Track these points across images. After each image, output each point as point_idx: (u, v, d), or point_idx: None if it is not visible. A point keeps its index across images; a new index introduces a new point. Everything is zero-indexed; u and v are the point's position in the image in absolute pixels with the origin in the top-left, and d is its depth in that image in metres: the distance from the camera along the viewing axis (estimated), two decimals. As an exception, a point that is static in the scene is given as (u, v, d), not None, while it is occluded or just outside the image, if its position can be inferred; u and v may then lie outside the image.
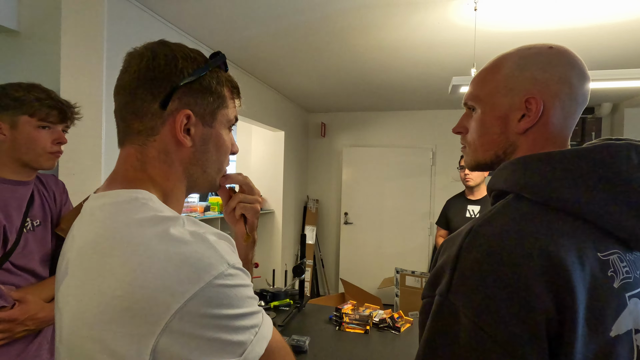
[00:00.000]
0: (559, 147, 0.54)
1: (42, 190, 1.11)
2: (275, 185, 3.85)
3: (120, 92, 0.50)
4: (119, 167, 0.51)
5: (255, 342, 0.43)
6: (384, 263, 4.29)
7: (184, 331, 0.39)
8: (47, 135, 1.01)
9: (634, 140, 0.52)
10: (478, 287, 0.44)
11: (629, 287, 0.47)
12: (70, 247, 0.48)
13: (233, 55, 2.56)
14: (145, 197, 0.46)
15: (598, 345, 0.44)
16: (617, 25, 1.97)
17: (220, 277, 0.40)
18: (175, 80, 0.48)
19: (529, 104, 0.53)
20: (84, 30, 1.55)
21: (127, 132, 0.50)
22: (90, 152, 1.57)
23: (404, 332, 1.68)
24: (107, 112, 1.60)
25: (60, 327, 0.47)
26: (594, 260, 0.46)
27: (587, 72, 0.55)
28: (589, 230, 0.47)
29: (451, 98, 3.68)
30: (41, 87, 1.03)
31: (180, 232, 0.42)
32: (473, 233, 0.48)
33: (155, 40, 0.51)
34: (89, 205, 0.49)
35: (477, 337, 0.43)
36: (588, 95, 0.55)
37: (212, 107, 0.51)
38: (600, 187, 0.47)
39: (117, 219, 0.44)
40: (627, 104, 3.60)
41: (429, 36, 2.15)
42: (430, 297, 0.49)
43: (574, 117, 0.55)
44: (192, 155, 0.51)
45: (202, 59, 0.51)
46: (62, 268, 0.48)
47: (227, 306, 0.40)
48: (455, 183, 4.26)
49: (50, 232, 1.10)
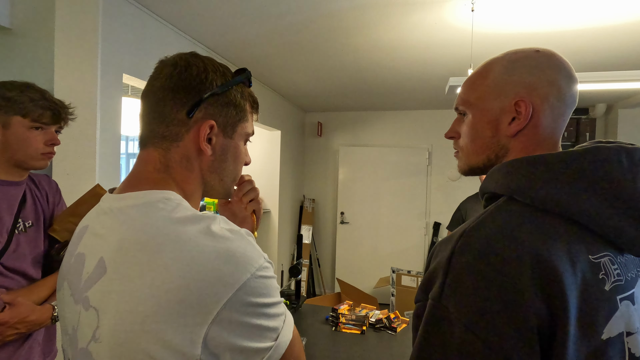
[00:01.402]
0: (550, 148, 0.55)
1: (34, 190, 1.09)
2: (272, 185, 3.84)
3: (149, 97, 0.52)
4: (141, 168, 0.52)
5: (285, 327, 0.48)
6: (380, 262, 4.29)
7: (232, 319, 0.42)
8: (40, 136, 1.00)
9: (624, 143, 0.52)
10: (470, 292, 0.44)
11: (620, 290, 0.48)
12: (100, 246, 0.48)
13: (229, 54, 2.55)
14: (177, 198, 0.49)
15: (590, 348, 0.44)
16: (611, 28, 1.98)
17: (261, 269, 0.45)
18: (203, 91, 0.51)
19: (518, 106, 0.54)
20: (78, 29, 1.53)
21: (151, 136, 0.52)
22: (85, 151, 1.55)
23: (400, 332, 1.69)
24: (101, 112, 1.58)
25: (92, 326, 0.45)
26: (585, 263, 0.46)
27: (574, 75, 0.56)
28: (580, 233, 0.48)
29: (447, 98, 3.70)
30: (35, 86, 1.01)
31: (220, 229, 0.46)
32: (465, 237, 0.48)
33: (187, 52, 0.54)
34: (112, 205, 0.51)
35: (469, 342, 0.43)
36: (576, 97, 0.56)
37: (234, 119, 0.55)
38: (591, 189, 0.48)
39: (157, 217, 0.46)
40: (621, 105, 3.63)
41: (426, 36, 2.15)
42: (423, 301, 0.49)
43: (564, 118, 0.56)
44: (211, 164, 0.54)
45: (230, 73, 0.55)
46: (90, 267, 0.48)
47: (265, 295, 0.45)
48: (451, 183, 4.27)
49: (42, 234, 1.08)
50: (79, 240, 0.53)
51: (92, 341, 0.45)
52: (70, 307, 0.51)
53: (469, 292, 0.44)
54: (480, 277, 0.44)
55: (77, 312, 0.48)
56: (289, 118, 4.08)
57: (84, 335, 0.47)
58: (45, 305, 1.01)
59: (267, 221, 3.87)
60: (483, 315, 0.43)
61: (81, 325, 0.48)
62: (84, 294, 0.48)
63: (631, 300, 0.49)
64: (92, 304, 0.46)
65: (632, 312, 0.48)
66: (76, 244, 0.53)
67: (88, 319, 0.46)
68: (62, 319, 0.54)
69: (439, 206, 4.27)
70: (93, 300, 0.46)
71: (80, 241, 0.53)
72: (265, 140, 3.86)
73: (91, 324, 0.46)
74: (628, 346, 0.47)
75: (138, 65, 1.83)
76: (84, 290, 0.48)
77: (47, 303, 1.02)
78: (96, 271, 0.47)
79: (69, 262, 0.54)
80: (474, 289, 0.44)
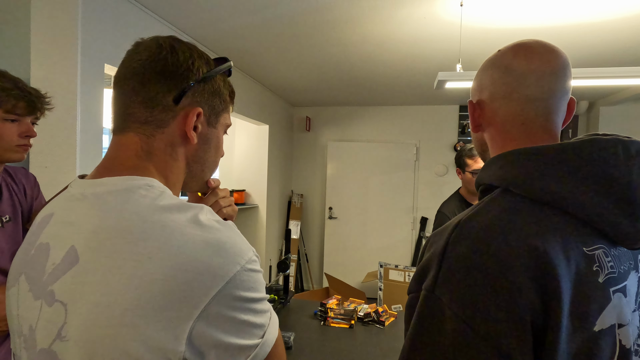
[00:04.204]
0: (518, 144, 0.55)
1: (10, 184, 1.05)
2: (260, 180, 3.80)
3: (127, 80, 0.49)
4: (118, 153, 0.49)
5: (271, 324, 0.46)
6: (368, 257, 4.32)
7: (220, 313, 0.40)
8: (15, 128, 0.95)
9: (620, 135, 0.52)
10: (464, 282, 0.44)
11: (613, 282, 0.48)
12: (70, 234, 0.44)
13: (216, 47, 2.50)
14: (159, 185, 0.47)
15: (582, 339, 0.45)
16: (596, 25, 2.02)
17: (250, 262, 0.43)
18: (191, 78, 0.49)
19: (479, 105, 0.59)
20: (56, 15, 1.46)
21: (130, 120, 0.49)
22: (64, 143, 1.49)
23: (388, 326, 1.70)
24: (82, 102, 1.53)
25: (57, 323, 0.41)
26: (580, 255, 0.46)
27: (550, 69, 0.54)
28: (575, 225, 0.48)
29: (436, 94, 3.72)
30: (8, 75, 0.96)
31: (207, 219, 0.43)
32: (459, 228, 0.48)
33: (167, 35, 0.52)
34: (85, 191, 0.46)
35: (462, 332, 0.43)
36: (553, 91, 0.54)
37: (218, 109, 0.53)
38: (586, 182, 0.48)
39: (140, 204, 0.43)
40: (603, 103, 3.72)
41: (415, 31, 2.15)
42: (416, 292, 0.49)
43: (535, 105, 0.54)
44: (195, 153, 0.52)
45: (212, 61, 0.54)
46: (56, 258, 0.43)
47: (254, 290, 0.43)
48: (438, 178, 4.32)
49: (21, 228, 1.04)
50: (40, 230, 0.48)
51: (57, 340, 0.41)
52: (27, 303, 0.45)
53: (463, 283, 0.44)
54: (473, 268, 0.44)
55: (37, 308, 0.43)
56: (277, 112, 4.04)
57: (46, 333, 0.42)
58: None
59: (255, 216, 3.84)
60: (476, 306, 0.43)
61: (42, 323, 0.43)
62: (48, 287, 0.43)
63: (623, 293, 0.49)
64: (58, 298, 0.42)
65: (624, 305, 0.49)
66: (37, 234, 0.48)
67: (51, 315, 0.42)
68: (13, 319, 0.48)
69: (426, 201, 4.32)
70: (60, 294, 0.42)
71: (43, 231, 0.48)
72: (253, 134, 3.82)
73: (55, 321, 0.41)
74: (619, 337, 0.48)
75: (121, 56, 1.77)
76: (48, 283, 0.43)
77: None
78: (65, 261, 0.42)
79: (27, 254, 0.48)
80: (468, 280, 0.44)
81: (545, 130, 0.55)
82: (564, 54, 0.56)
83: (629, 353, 0.49)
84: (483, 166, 0.57)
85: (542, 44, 0.56)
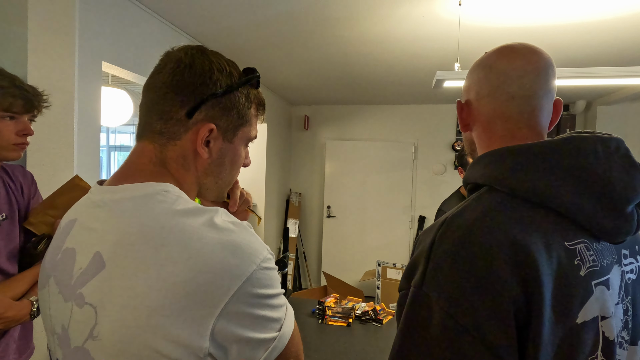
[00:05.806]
0: (503, 142, 0.56)
1: (7, 181, 1.04)
2: (258, 179, 3.80)
3: (150, 90, 0.51)
4: (136, 159, 0.51)
5: (287, 318, 0.48)
6: (366, 256, 4.33)
7: (239, 310, 0.42)
8: (12, 126, 0.95)
9: (600, 133, 0.53)
10: (450, 278, 0.46)
11: (595, 275, 0.49)
12: (94, 240, 0.47)
13: (214, 45, 2.49)
14: (175, 190, 0.48)
15: (564, 331, 0.46)
16: (594, 24, 2.02)
17: (265, 261, 0.45)
18: (205, 92, 0.50)
19: (466, 105, 0.61)
20: (53, 12, 1.46)
21: (148, 129, 0.51)
22: (62, 141, 1.49)
23: (386, 324, 1.70)
24: (79, 100, 1.52)
25: (89, 324, 0.44)
26: (561, 248, 0.47)
27: (532, 67, 0.55)
28: (557, 220, 0.49)
29: (434, 93, 3.72)
30: (4, 72, 0.96)
31: (223, 221, 0.45)
32: (446, 225, 0.50)
33: (194, 45, 0.53)
34: (104, 197, 0.49)
35: (448, 326, 0.44)
36: (535, 89, 0.55)
37: (235, 123, 0.53)
38: (567, 178, 0.49)
39: (158, 210, 0.45)
40: (600, 102, 3.73)
41: (413, 29, 2.15)
42: (406, 289, 0.50)
43: (517, 103, 0.55)
44: (208, 167, 0.53)
45: (237, 72, 0.53)
46: (83, 263, 0.46)
47: (270, 286, 0.45)
48: (436, 177, 4.33)
49: (17, 227, 1.03)
50: (65, 235, 0.51)
51: (90, 339, 0.44)
52: (58, 305, 0.48)
53: (449, 279, 0.46)
54: (459, 263, 0.46)
55: (68, 309, 0.46)
56: (275, 111, 4.04)
57: (79, 333, 0.45)
58: (23, 300, 0.97)
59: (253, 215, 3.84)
60: (462, 301, 0.44)
61: (74, 323, 0.46)
62: (77, 290, 0.45)
63: (606, 286, 0.50)
64: (87, 301, 0.44)
65: (607, 297, 0.50)
66: (62, 239, 0.51)
67: (82, 316, 0.44)
68: (47, 318, 0.51)
69: (424, 200, 4.32)
70: (89, 297, 0.44)
71: (68, 236, 0.50)
72: (251, 133, 3.81)
73: (87, 322, 0.44)
74: (602, 329, 0.49)
75: (118, 53, 1.76)
76: (77, 286, 0.46)
77: (24, 299, 0.98)
78: (92, 266, 0.45)
79: (54, 257, 0.51)
80: (453, 275, 0.45)
81: (530, 127, 0.56)
82: (548, 55, 0.58)
83: (613, 344, 0.50)
84: (470, 165, 0.59)
85: (526, 46, 0.58)
